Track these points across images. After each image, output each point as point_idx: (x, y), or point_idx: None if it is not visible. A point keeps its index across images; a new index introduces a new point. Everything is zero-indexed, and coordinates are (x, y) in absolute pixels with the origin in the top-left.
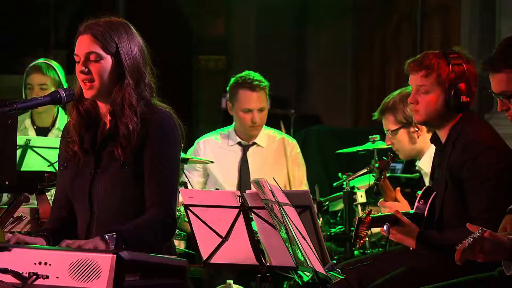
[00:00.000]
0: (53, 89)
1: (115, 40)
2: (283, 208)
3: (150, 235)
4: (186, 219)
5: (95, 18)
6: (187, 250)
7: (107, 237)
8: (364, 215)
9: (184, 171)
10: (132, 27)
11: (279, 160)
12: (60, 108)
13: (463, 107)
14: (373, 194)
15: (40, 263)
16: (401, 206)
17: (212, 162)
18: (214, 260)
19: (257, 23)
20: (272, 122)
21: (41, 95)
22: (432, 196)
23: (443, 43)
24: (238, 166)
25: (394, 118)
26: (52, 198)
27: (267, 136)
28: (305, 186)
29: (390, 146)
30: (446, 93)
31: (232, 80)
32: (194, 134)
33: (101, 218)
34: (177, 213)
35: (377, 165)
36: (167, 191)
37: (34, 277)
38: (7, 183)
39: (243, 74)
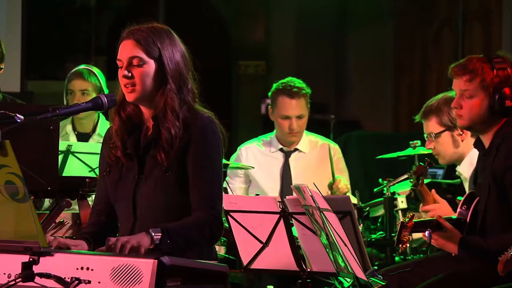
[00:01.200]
0: (94, 95)
1: (158, 45)
2: (323, 214)
3: (195, 234)
4: (227, 225)
5: (138, 24)
6: (227, 256)
7: (152, 232)
8: (406, 219)
9: (227, 178)
10: (174, 33)
11: (322, 166)
12: (101, 114)
13: (507, 111)
14: (414, 199)
15: (82, 268)
16: (443, 206)
17: (253, 167)
18: (254, 265)
19: (296, 28)
20: (312, 127)
21: (83, 101)
22: (475, 201)
23: (484, 47)
24: (281, 172)
25: (439, 120)
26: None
27: (309, 142)
28: (348, 191)
29: (430, 150)
30: (490, 97)
31: (274, 85)
32: (234, 139)
33: (145, 223)
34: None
35: (414, 170)
36: (212, 194)
37: (76, 282)
38: (49, 188)
39: (285, 80)
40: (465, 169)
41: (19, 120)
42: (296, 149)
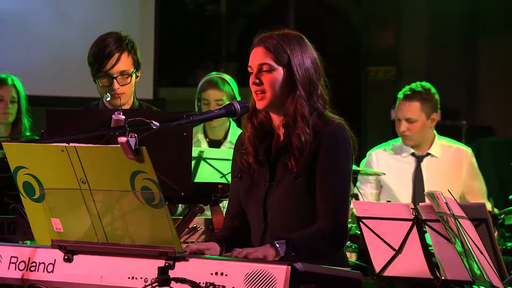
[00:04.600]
0: None
1: (288, 52)
2: (458, 221)
3: (319, 244)
4: (358, 231)
5: (269, 30)
6: (358, 262)
7: (277, 245)
8: None
9: (358, 183)
10: (306, 40)
11: (455, 171)
12: (232, 121)
13: None
14: None
15: (216, 273)
16: None
17: (384, 174)
18: (387, 273)
19: (427, 33)
20: (443, 133)
21: None
22: None
23: None
24: (412, 177)
25: None
26: (225, 208)
27: (442, 146)
28: (483, 198)
29: None
30: None
31: None
32: (363, 145)
33: (275, 229)
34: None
35: None
36: (338, 202)
37: (211, 287)
38: (182, 194)
39: (415, 83)
40: None
41: (155, 127)
42: (428, 154)
